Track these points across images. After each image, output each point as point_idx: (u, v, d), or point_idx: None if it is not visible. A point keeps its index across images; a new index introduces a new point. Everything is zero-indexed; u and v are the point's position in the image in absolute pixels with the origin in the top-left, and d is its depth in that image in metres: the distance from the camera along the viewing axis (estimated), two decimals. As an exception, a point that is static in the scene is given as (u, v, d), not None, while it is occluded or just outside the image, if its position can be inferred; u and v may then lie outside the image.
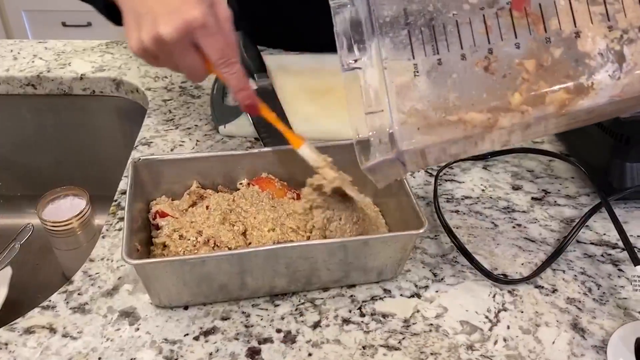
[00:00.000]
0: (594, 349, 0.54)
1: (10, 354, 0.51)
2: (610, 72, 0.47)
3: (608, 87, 0.48)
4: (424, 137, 0.48)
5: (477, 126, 0.48)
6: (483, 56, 0.48)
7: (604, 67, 0.47)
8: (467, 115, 0.48)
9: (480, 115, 0.48)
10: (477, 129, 0.48)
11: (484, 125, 0.48)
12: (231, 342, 0.53)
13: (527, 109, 0.48)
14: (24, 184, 1.04)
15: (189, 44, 0.58)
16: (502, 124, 0.48)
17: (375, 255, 0.56)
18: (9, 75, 0.93)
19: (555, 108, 0.48)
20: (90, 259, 0.61)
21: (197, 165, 0.64)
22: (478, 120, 0.48)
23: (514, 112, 0.48)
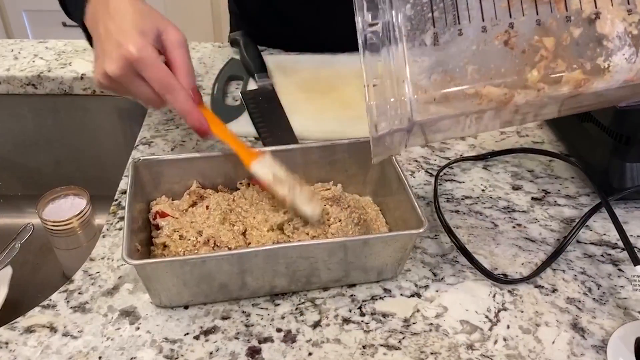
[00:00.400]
0: (594, 348, 0.54)
1: (11, 353, 0.51)
2: (627, 56, 0.47)
3: (623, 70, 0.48)
4: (438, 109, 0.48)
5: (492, 100, 0.47)
6: (503, 30, 0.47)
7: (621, 50, 0.47)
8: (484, 89, 0.47)
9: (498, 90, 0.47)
10: (492, 103, 0.48)
11: (500, 100, 0.48)
12: (231, 341, 0.53)
13: (543, 87, 0.47)
14: (24, 184, 1.04)
15: (133, 76, 0.60)
16: (517, 100, 0.48)
17: (376, 254, 0.56)
18: (10, 74, 0.93)
19: (570, 88, 0.48)
20: (90, 258, 0.61)
21: (197, 165, 0.65)
22: (495, 95, 0.47)
23: (530, 89, 0.47)
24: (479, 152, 0.78)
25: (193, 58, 0.99)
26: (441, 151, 0.79)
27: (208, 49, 1.03)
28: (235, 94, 0.90)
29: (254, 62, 0.93)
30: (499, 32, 0.47)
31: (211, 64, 0.98)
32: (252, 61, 0.93)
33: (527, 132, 0.83)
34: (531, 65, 0.47)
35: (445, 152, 0.79)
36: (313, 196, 0.60)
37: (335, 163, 0.67)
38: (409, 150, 0.79)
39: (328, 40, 0.98)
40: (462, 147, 0.80)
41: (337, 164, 0.67)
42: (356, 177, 0.67)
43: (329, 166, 0.67)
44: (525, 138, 0.82)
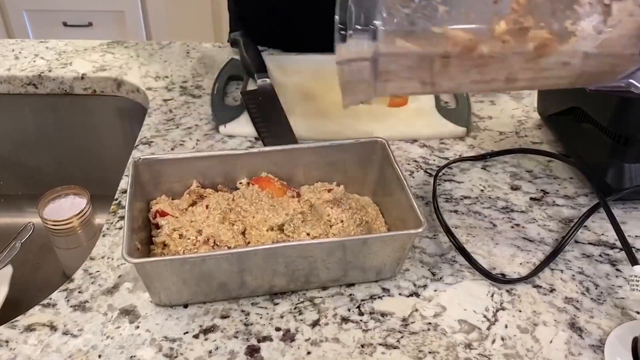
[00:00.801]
0: (592, 348, 0.54)
1: (11, 351, 0.52)
2: (594, 23, 0.48)
3: (589, 37, 0.48)
4: (404, 44, 0.49)
5: (458, 44, 0.48)
6: None
7: (590, 17, 0.48)
8: (451, 31, 0.48)
9: (464, 34, 0.48)
10: (457, 47, 0.48)
11: (465, 46, 0.48)
12: (230, 340, 0.54)
13: (508, 39, 0.48)
14: (24, 183, 1.04)
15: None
16: (481, 50, 0.49)
17: (374, 254, 0.56)
18: (11, 74, 0.94)
19: (535, 45, 0.48)
20: (90, 257, 0.61)
21: (197, 165, 0.65)
22: (460, 38, 0.48)
23: (496, 40, 0.48)
24: (478, 153, 0.79)
25: (193, 58, 0.99)
26: (440, 151, 0.79)
27: (208, 49, 1.03)
28: (235, 94, 0.90)
29: (254, 62, 0.93)
30: None
31: (211, 64, 0.99)
32: (252, 61, 0.93)
33: (526, 133, 0.84)
34: (500, 17, 0.48)
35: (444, 153, 0.79)
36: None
37: (334, 163, 0.67)
38: (407, 151, 0.79)
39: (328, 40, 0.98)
40: (461, 147, 0.80)
41: (337, 164, 0.67)
42: (356, 177, 0.68)
43: (328, 166, 0.67)
44: (524, 138, 0.82)
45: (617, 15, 0.48)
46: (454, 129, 0.82)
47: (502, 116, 0.87)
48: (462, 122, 0.83)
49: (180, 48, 1.03)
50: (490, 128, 0.84)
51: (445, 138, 0.82)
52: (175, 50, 1.03)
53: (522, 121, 0.86)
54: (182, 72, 0.96)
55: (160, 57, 1.00)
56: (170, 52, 1.02)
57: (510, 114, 0.88)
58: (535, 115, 0.87)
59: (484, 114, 0.88)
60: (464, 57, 0.49)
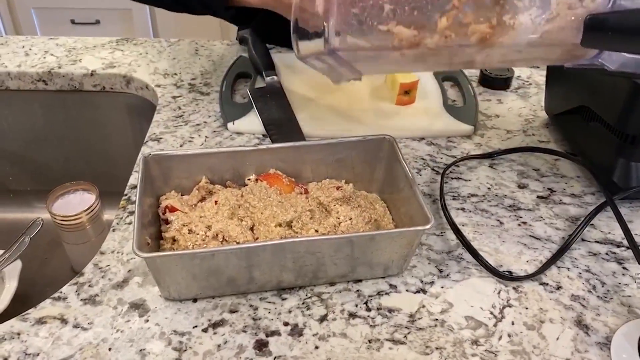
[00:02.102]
0: (598, 345, 0.54)
1: (23, 344, 0.52)
2: (533, 16, 0.50)
3: (528, 30, 0.51)
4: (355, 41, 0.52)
5: (404, 40, 0.51)
6: None
7: (529, 10, 0.50)
8: (395, 28, 0.51)
9: (408, 31, 0.51)
10: (404, 43, 0.51)
11: (410, 42, 0.51)
12: (239, 334, 0.54)
13: (450, 34, 0.51)
14: (33, 179, 1.05)
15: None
16: (426, 44, 0.52)
17: (382, 250, 0.57)
18: (21, 70, 0.94)
19: (476, 40, 0.51)
20: (100, 252, 0.62)
21: (207, 161, 0.65)
22: (405, 35, 0.51)
23: (439, 35, 0.51)
24: (485, 151, 0.79)
25: (201, 56, 1.00)
26: (447, 149, 0.79)
27: (216, 47, 1.04)
28: (244, 91, 0.91)
29: (262, 60, 0.93)
30: None
31: (219, 61, 0.99)
32: (260, 59, 0.93)
33: (533, 131, 0.84)
34: (441, 13, 0.51)
35: (452, 150, 0.79)
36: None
37: (342, 160, 0.68)
38: (415, 148, 0.79)
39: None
40: (469, 145, 0.80)
41: (344, 161, 0.68)
42: (363, 175, 0.68)
43: (336, 163, 0.68)
44: (531, 137, 0.83)
45: (556, 8, 0.50)
46: (461, 127, 0.82)
47: (510, 115, 0.87)
48: (470, 120, 0.83)
49: (189, 45, 1.04)
50: (497, 126, 0.85)
51: (452, 136, 0.82)
52: (184, 47, 1.03)
53: (530, 120, 0.86)
54: (191, 70, 0.96)
55: (169, 55, 1.01)
56: (179, 49, 1.03)
57: (518, 112, 0.88)
58: (543, 113, 0.87)
59: (491, 112, 0.88)
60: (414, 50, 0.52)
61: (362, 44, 0.52)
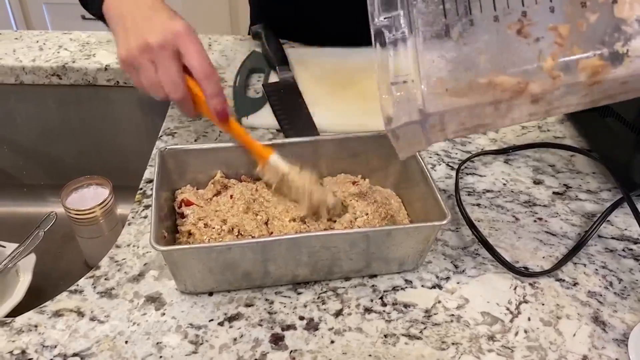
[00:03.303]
0: (615, 342, 0.54)
1: (40, 336, 0.53)
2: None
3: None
4: (451, 100, 0.48)
5: (507, 90, 0.47)
6: (516, 19, 0.46)
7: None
8: (497, 78, 0.47)
9: (511, 78, 0.47)
10: (506, 93, 0.47)
11: (514, 90, 0.47)
12: (255, 328, 0.54)
13: (558, 75, 0.46)
14: (47, 173, 1.06)
15: (172, 52, 0.61)
16: (532, 89, 0.47)
17: (398, 246, 0.57)
18: (35, 65, 0.95)
19: (587, 75, 0.46)
20: (116, 245, 0.62)
21: (222, 155, 0.65)
22: (508, 84, 0.47)
23: (545, 77, 0.47)
24: (500, 147, 0.79)
25: (215, 51, 1.00)
26: (462, 145, 0.79)
27: (230, 42, 1.04)
28: (257, 86, 0.91)
29: (276, 54, 0.93)
30: (511, 21, 0.47)
31: (233, 56, 0.99)
32: (273, 54, 0.93)
33: (548, 127, 0.83)
34: (545, 53, 0.46)
35: (467, 146, 0.79)
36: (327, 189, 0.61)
37: (357, 155, 0.68)
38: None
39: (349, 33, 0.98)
40: (484, 141, 0.80)
41: (359, 156, 0.68)
42: (378, 170, 0.68)
43: (350, 158, 0.67)
44: (546, 133, 0.82)
45: None
46: (475, 122, 0.82)
47: (524, 110, 0.87)
48: (484, 116, 0.83)
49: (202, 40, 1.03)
50: (512, 122, 0.84)
51: (467, 132, 0.82)
52: (197, 42, 1.03)
53: (544, 116, 0.86)
54: (204, 64, 0.96)
55: (182, 49, 1.01)
56: (192, 44, 1.03)
57: (532, 108, 0.87)
58: (558, 110, 0.87)
59: (506, 108, 0.87)
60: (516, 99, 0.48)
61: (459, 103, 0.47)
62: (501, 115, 0.50)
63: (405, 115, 0.48)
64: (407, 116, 0.48)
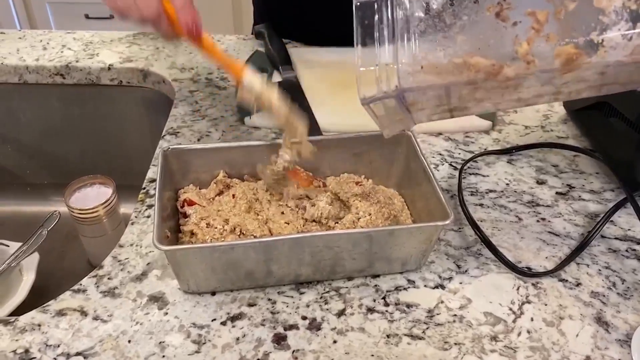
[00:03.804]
0: (618, 342, 0.54)
1: (44, 335, 0.53)
2: (622, 31, 0.46)
3: (618, 47, 0.47)
4: (427, 77, 0.48)
5: (480, 71, 0.48)
6: (496, 2, 0.47)
7: (617, 25, 0.46)
8: (472, 59, 0.47)
9: (485, 60, 0.47)
10: (480, 74, 0.48)
11: (488, 71, 0.48)
12: (258, 327, 0.54)
13: (532, 60, 0.47)
14: (51, 172, 1.06)
15: None
16: (506, 73, 0.48)
17: (400, 245, 0.57)
18: (39, 64, 0.95)
19: (561, 62, 0.47)
20: (119, 245, 0.62)
21: (225, 155, 0.65)
22: (482, 65, 0.47)
23: (520, 61, 0.47)
24: (503, 147, 0.78)
25: (218, 50, 1.00)
26: (465, 145, 0.79)
27: (233, 41, 1.04)
28: (260, 86, 0.91)
29: (279, 54, 0.93)
30: (491, 3, 0.47)
31: (236, 56, 0.99)
32: (276, 54, 0.93)
33: (551, 127, 0.83)
34: (521, 37, 0.47)
35: (469, 146, 0.79)
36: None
37: (359, 155, 0.68)
38: (432, 144, 0.79)
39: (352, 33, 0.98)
40: (486, 141, 0.80)
41: (362, 156, 0.68)
42: (381, 169, 0.68)
43: (353, 158, 0.67)
44: (549, 133, 0.82)
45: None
46: (479, 122, 0.82)
47: (528, 110, 0.87)
48: (488, 115, 0.83)
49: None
50: (515, 122, 0.84)
51: (470, 131, 0.82)
52: (200, 42, 1.03)
53: (548, 115, 0.86)
54: (208, 64, 0.96)
55: (185, 49, 1.01)
56: (195, 43, 1.03)
57: (536, 108, 0.87)
58: (561, 109, 0.87)
59: (509, 108, 0.87)
60: (490, 81, 0.48)
61: (434, 81, 0.48)
62: (479, 97, 0.50)
63: (380, 91, 0.49)
64: (382, 91, 0.49)
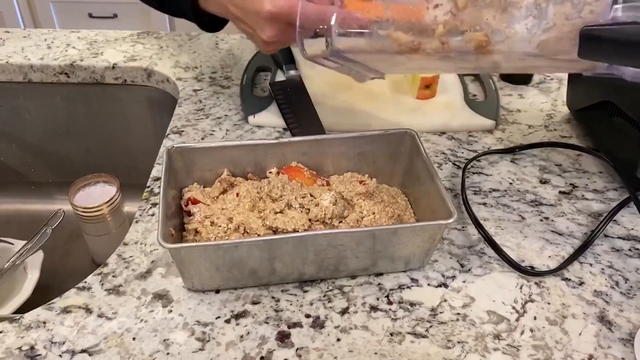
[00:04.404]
0: (621, 341, 0.54)
1: (49, 332, 0.53)
2: (528, 26, 0.50)
3: (524, 40, 0.51)
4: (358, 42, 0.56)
5: (402, 45, 0.54)
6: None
7: (525, 20, 0.50)
8: (394, 34, 0.54)
9: (406, 36, 0.54)
10: (403, 47, 0.54)
11: (409, 47, 0.54)
12: (261, 325, 0.54)
13: (446, 41, 0.53)
14: (55, 171, 1.06)
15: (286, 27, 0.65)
16: (424, 49, 0.54)
17: (404, 244, 0.57)
18: (44, 63, 0.95)
19: (472, 47, 0.52)
20: (124, 243, 0.63)
21: (229, 154, 0.66)
22: (403, 40, 0.54)
23: (436, 41, 0.53)
24: (507, 146, 0.79)
25: (222, 49, 1.00)
26: (468, 144, 0.79)
27: (237, 41, 1.04)
28: (264, 85, 0.91)
29: (283, 53, 0.93)
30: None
31: (240, 55, 0.99)
32: (280, 52, 0.93)
33: (555, 127, 0.83)
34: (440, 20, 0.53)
35: (473, 145, 0.79)
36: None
37: (363, 154, 0.68)
38: (436, 143, 0.79)
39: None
40: (490, 140, 0.80)
41: (365, 155, 0.68)
42: (384, 168, 0.68)
43: (357, 157, 0.68)
44: (553, 132, 0.82)
45: (553, 18, 0.50)
46: (482, 121, 0.82)
47: (531, 109, 0.87)
48: (491, 114, 0.83)
49: (209, 39, 1.04)
50: (518, 121, 0.84)
51: (473, 130, 0.82)
52: (204, 41, 1.04)
53: (551, 115, 0.86)
54: (211, 63, 0.97)
55: (189, 48, 1.01)
56: (199, 43, 1.03)
57: (539, 107, 0.87)
58: (564, 108, 0.87)
59: (513, 107, 0.87)
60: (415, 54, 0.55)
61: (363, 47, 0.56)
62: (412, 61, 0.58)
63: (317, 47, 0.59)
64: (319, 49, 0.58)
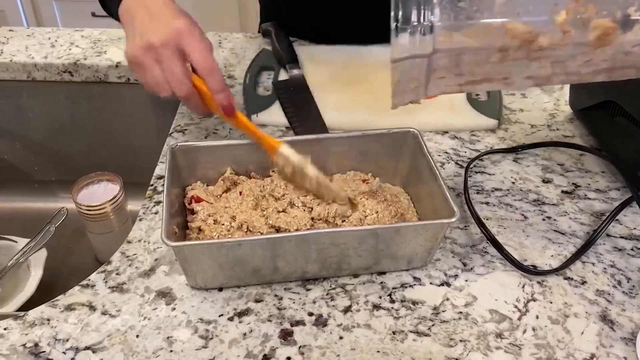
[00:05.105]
0: (623, 340, 0.54)
1: (53, 329, 0.53)
2: None
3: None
4: (462, 38, 0.48)
5: (516, 37, 0.47)
6: None
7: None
8: (509, 24, 0.47)
9: (523, 26, 0.47)
10: (516, 40, 0.48)
11: (524, 39, 0.47)
12: (264, 323, 0.55)
13: (569, 30, 0.47)
14: (58, 169, 1.07)
15: (175, 51, 0.62)
16: (541, 42, 0.48)
17: (406, 243, 0.57)
18: (47, 62, 0.96)
19: (596, 35, 0.47)
20: (127, 241, 0.63)
21: (231, 152, 0.66)
22: (519, 31, 0.47)
23: (556, 30, 0.47)
24: (510, 145, 0.79)
25: (225, 48, 1.00)
26: (471, 143, 0.79)
27: (240, 40, 1.04)
28: (267, 84, 0.91)
29: (286, 52, 0.93)
30: None
31: (243, 54, 1.00)
32: (283, 52, 0.94)
33: (557, 126, 0.83)
34: (561, 7, 0.47)
35: (475, 145, 0.79)
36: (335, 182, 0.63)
37: (366, 153, 0.68)
38: (438, 142, 0.79)
39: (359, 31, 0.99)
40: (492, 139, 0.80)
41: (368, 154, 0.68)
42: (387, 167, 0.68)
43: (360, 156, 0.68)
44: (555, 132, 0.82)
45: None
46: (485, 121, 0.82)
47: (534, 109, 0.87)
48: (494, 114, 0.83)
49: (212, 38, 1.04)
50: (521, 121, 0.84)
51: (476, 130, 0.82)
52: (207, 40, 1.04)
53: (554, 114, 0.86)
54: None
55: (192, 47, 1.01)
56: (202, 42, 1.03)
57: (542, 107, 0.87)
58: (567, 108, 0.87)
59: (515, 106, 0.87)
60: (522, 50, 0.48)
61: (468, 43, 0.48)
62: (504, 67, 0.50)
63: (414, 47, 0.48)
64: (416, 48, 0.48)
